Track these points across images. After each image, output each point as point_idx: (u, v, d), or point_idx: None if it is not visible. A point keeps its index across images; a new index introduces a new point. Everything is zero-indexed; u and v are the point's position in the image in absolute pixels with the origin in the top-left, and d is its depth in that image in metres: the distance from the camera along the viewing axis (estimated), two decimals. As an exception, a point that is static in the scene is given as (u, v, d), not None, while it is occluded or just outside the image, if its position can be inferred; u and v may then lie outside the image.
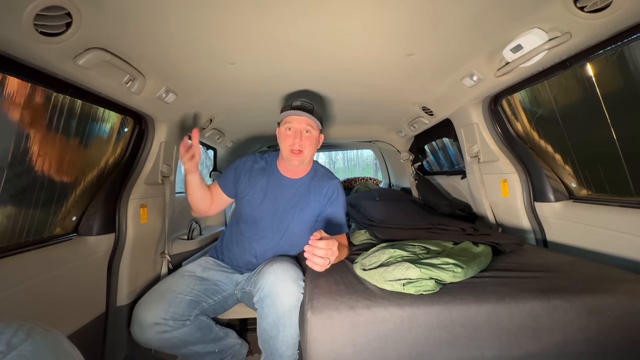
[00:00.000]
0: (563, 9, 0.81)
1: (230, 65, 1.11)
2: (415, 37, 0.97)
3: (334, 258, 0.95)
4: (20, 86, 0.87)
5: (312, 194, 1.29)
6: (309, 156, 1.23)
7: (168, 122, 1.42)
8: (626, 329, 0.74)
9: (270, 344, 1.03)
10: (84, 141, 1.13)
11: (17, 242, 0.96)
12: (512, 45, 0.97)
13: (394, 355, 0.72)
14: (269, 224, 1.26)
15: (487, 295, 0.77)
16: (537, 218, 1.35)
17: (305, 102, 1.21)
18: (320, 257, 0.90)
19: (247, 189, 1.27)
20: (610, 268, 0.91)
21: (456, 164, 2.26)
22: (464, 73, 1.22)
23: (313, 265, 0.91)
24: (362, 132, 2.48)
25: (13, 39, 0.70)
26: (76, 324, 1.06)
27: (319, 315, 0.74)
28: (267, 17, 0.83)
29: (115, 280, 1.23)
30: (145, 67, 1.06)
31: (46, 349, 0.43)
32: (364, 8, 0.81)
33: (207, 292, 1.19)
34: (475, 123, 1.48)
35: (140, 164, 1.38)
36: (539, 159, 1.35)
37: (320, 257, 0.90)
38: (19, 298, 0.86)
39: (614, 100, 1.00)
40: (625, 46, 0.89)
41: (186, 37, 0.92)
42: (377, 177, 4.05)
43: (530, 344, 0.73)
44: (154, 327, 1.04)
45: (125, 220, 1.26)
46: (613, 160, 1.05)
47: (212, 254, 1.40)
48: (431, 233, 1.31)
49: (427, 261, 0.89)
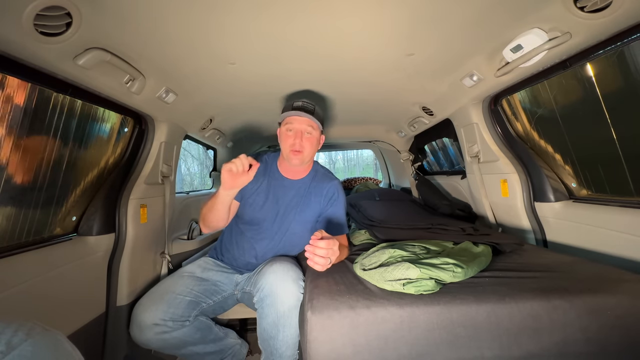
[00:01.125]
0: (563, 9, 0.81)
1: (230, 65, 1.11)
2: (416, 37, 0.97)
3: (334, 258, 0.95)
4: (20, 86, 0.87)
5: (312, 195, 1.29)
6: (309, 156, 1.23)
7: (168, 122, 1.42)
8: (626, 329, 0.73)
9: (270, 344, 1.03)
10: (84, 141, 1.13)
11: (17, 242, 0.96)
12: (512, 45, 0.97)
13: (394, 355, 0.72)
14: (270, 225, 1.26)
15: (487, 295, 0.77)
16: (537, 218, 1.35)
17: (306, 103, 1.21)
18: (321, 257, 0.90)
19: (249, 192, 1.26)
20: (611, 268, 0.91)
21: (456, 164, 2.26)
22: (464, 73, 1.22)
23: (314, 265, 0.91)
24: (362, 132, 2.48)
25: (13, 39, 0.70)
26: (76, 324, 1.06)
27: (319, 315, 0.74)
28: (266, 16, 0.83)
29: (115, 280, 1.23)
30: (145, 67, 1.06)
31: (46, 349, 0.43)
32: (364, 7, 0.81)
33: (207, 293, 1.19)
34: (475, 123, 1.48)
35: (140, 164, 1.38)
36: (539, 159, 1.35)
37: (321, 256, 0.90)
38: (19, 298, 0.86)
39: (614, 100, 1.00)
40: (625, 46, 0.89)
41: (186, 37, 0.92)
42: (377, 177, 4.06)
43: (530, 344, 0.73)
44: (153, 328, 1.04)
45: (125, 220, 1.26)
46: (613, 160, 1.05)
47: (211, 254, 1.40)
48: (431, 233, 1.31)
49: (427, 261, 0.89)
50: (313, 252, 0.89)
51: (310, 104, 1.22)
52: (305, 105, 1.20)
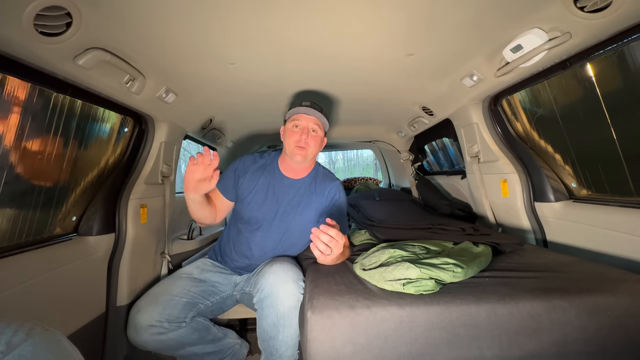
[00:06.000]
0: (563, 9, 0.81)
1: (230, 65, 1.11)
2: (415, 37, 0.97)
3: (337, 251, 0.91)
4: (20, 86, 0.87)
5: (313, 195, 1.29)
6: (312, 154, 1.23)
7: (168, 122, 1.42)
8: (626, 329, 0.74)
9: (270, 345, 1.03)
10: (84, 141, 1.13)
11: (18, 242, 0.96)
12: (512, 45, 0.97)
13: (393, 354, 0.72)
14: (269, 225, 1.26)
15: (487, 295, 0.77)
16: (537, 218, 1.35)
17: (314, 103, 1.25)
18: (323, 243, 0.88)
19: (247, 191, 1.26)
20: (610, 268, 0.91)
21: (456, 164, 2.26)
22: (464, 73, 1.22)
23: (314, 249, 0.89)
24: (362, 132, 2.48)
25: (13, 39, 0.70)
26: (76, 324, 1.06)
27: (319, 315, 0.74)
28: (267, 17, 0.83)
29: (115, 280, 1.23)
30: (145, 67, 1.06)
31: (46, 349, 0.43)
32: (363, 8, 0.81)
33: (204, 294, 1.19)
34: (475, 123, 1.48)
35: (140, 164, 1.38)
36: (539, 159, 1.35)
37: (324, 243, 0.88)
38: (19, 298, 0.86)
39: (614, 100, 1.00)
40: (625, 46, 0.89)
41: (186, 37, 0.92)
42: (377, 177, 4.06)
43: (530, 344, 0.73)
44: (149, 329, 1.04)
45: (125, 220, 1.25)
46: (613, 160, 1.05)
47: (210, 255, 1.40)
48: (431, 233, 1.31)
49: (427, 261, 0.89)
50: (318, 237, 0.87)
51: (317, 105, 1.25)
52: (314, 104, 1.24)
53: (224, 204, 1.28)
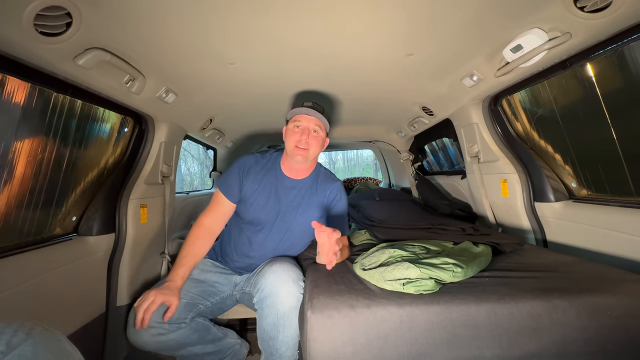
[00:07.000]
0: (563, 9, 0.81)
1: (230, 65, 1.12)
2: (415, 37, 0.97)
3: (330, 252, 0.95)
4: (20, 86, 0.87)
5: (314, 196, 1.29)
6: (313, 155, 1.23)
7: (168, 122, 1.42)
8: (626, 329, 0.74)
9: (270, 345, 1.03)
10: (84, 141, 1.13)
11: (17, 242, 0.96)
12: (512, 45, 0.97)
13: (393, 354, 0.72)
14: (270, 225, 1.26)
15: (487, 295, 0.77)
16: (537, 218, 1.35)
17: (316, 104, 1.24)
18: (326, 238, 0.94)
19: (250, 192, 1.26)
20: (610, 268, 0.91)
21: (456, 164, 2.26)
22: (464, 73, 1.22)
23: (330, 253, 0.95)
24: (362, 132, 2.48)
25: (13, 39, 0.70)
26: (76, 324, 1.06)
27: (319, 315, 0.74)
28: (267, 17, 0.83)
29: (115, 280, 1.23)
30: (145, 67, 1.06)
31: (46, 349, 0.43)
32: (363, 7, 0.81)
33: (204, 294, 1.19)
34: (475, 123, 1.48)
35: (140, 164, 1.38)
36: (539, 159, 1.35)
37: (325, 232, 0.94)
38: (19, 298, 0.86)
39: (614, 100, 1.00)
40: (625, 46, 0.89)
41: (186, 37, 0.92)
42: (377, 177, 4.06)
43: (530, 344, 0.73)
44: (148, 330, 1.04)
45: (125, 220, 1.25)
46: (613, 160, 1.05)
47: (210, 255, 1.40)
48: (431, 233, 1.31)
49: (427, 261, 0.89)
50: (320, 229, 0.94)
51: (319, 106, 1.25)
52: (315, 105, 1.23)
53: (227, 208, 1.26)
